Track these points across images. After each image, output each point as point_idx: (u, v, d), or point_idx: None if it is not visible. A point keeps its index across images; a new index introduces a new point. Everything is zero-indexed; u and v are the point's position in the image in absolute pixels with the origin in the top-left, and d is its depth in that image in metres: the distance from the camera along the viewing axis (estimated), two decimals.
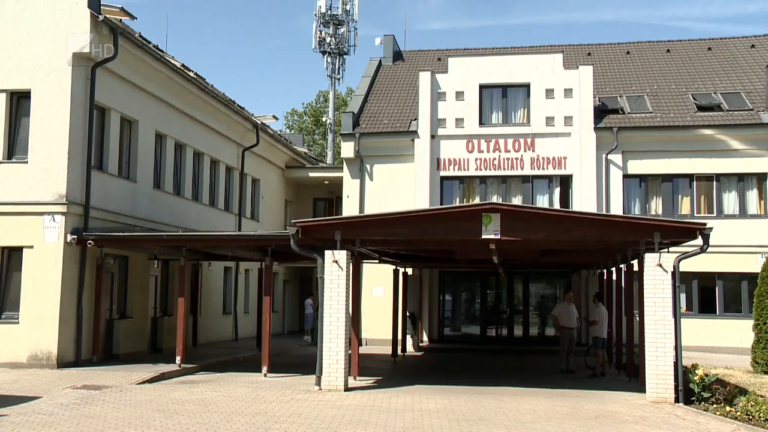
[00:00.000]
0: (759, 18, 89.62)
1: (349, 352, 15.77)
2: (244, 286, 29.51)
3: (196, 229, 23.53)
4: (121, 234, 18.49)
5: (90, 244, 17.75)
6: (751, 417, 12.03)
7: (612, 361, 19.75)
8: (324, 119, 54.26)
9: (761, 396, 13.23)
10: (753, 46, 31.59)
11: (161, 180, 22.90)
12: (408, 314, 25.12)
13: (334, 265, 15.28)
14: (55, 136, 17.76)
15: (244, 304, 29.48)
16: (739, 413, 12.35)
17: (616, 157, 26.25)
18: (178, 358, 17.96)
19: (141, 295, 21.53)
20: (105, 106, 19.50)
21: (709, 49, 31.91)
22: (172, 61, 23.39)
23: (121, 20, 19.86)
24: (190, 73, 24.33)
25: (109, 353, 19.47)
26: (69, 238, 17.57)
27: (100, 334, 18.68)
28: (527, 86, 26.72)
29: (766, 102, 26.45)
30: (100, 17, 18.09)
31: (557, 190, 26.49)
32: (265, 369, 17.30)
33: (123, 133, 20.74)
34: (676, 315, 14.45)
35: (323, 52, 49.20)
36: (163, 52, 22.66)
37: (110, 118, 19.83)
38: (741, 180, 26.24)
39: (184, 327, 18.59)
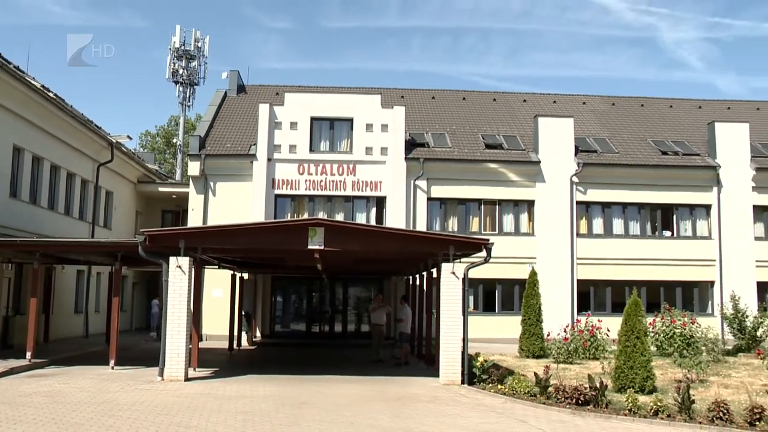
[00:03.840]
0: (528, 80, 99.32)
1: (190, 346, 15.35)
2: (96, 287, 27.96)
3: (51, 235, 21.96)
4: None
5: None
6: (515, 392, 13.06)
7: (414, 352, 20.36)
8: (174, 141, 52.74)
9: (523, 375, 14.29)
10: (525, 100, 34.24)
11: (18, 189, 21.30)
12: (243, 313, 24.77)
13: (178, 270, 14.88)
14: None
15: (95, 303, 27.89)
16: (507, 390, 13.30)
17: (422, 183, 27.31)
18: (28, 354, 16.61)
19: None
20: None
21: (494, 100, 34.23)
22: (33, 81, 21.78)
23: None
24: (50, 94, 22.76)
25: None
26: None
27: None
28: (351, 120, 27.22)
29: (534, 144, 28.71)
30: None
31: (374, 209, 27.12)
32: (112, 362, 16.49)
33: None
34: (465, 313, 15.22)
35: (176, 82, 48.29)
36: (23, 72, 21.10)
37: None
38: (516, 205, 28.17)
39: (35, 324, 17.30)
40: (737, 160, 28.67)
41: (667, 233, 28.73)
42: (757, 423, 10.39)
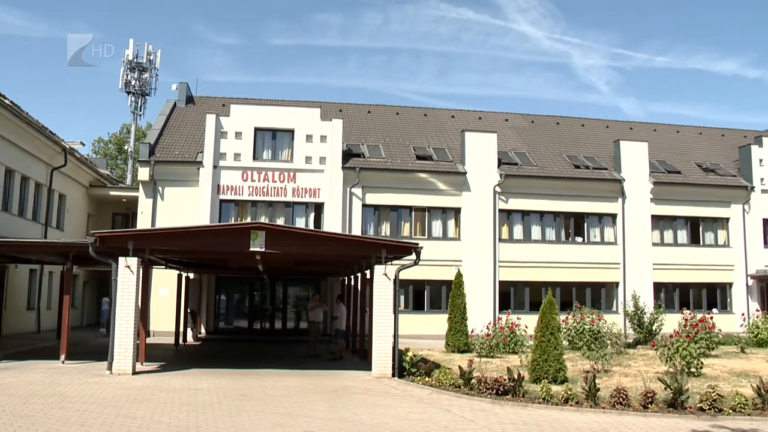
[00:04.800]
0: (455, 97, 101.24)
1: (138, 341, 14.99)
2: (48, 285, 27.01)
3: (5, 235, 21.04)
4: None
5: None
6: (441, 384, 13.23)
7: (349, 348, 20.39)
8: (126, 147, 51.68)
9: (449, 368, 14.49)
10: (453, 116, 34.84)
11: None
12: (189, 311, 24.26)
13: (127, 270, 14.52)
14: None
15: (47, 300, 26.93)
16: (434, 382, 13.47)
17: (358, 191, 27.42)
18: None
19: None
20: None
21: (425, 115, 34.70)
22: None
23: None
24: (6, 100, 21.94)
25: None
26: None
27: None
28: (292, 131, 27.10)
29: (461, 156, 29.24)
30: None
31: (312, 214, 27.04)
32: (63, 357, 15.91)
33: None
34: (396, 311, 15.30)
35: (128, 92, 47.38)
36: None
37: None
38: (444, 212, 28.60)
39: None
40: (638, 175, 30.04)
41: (579, 239, 29.80)
42: (650, 405, 11.03)
